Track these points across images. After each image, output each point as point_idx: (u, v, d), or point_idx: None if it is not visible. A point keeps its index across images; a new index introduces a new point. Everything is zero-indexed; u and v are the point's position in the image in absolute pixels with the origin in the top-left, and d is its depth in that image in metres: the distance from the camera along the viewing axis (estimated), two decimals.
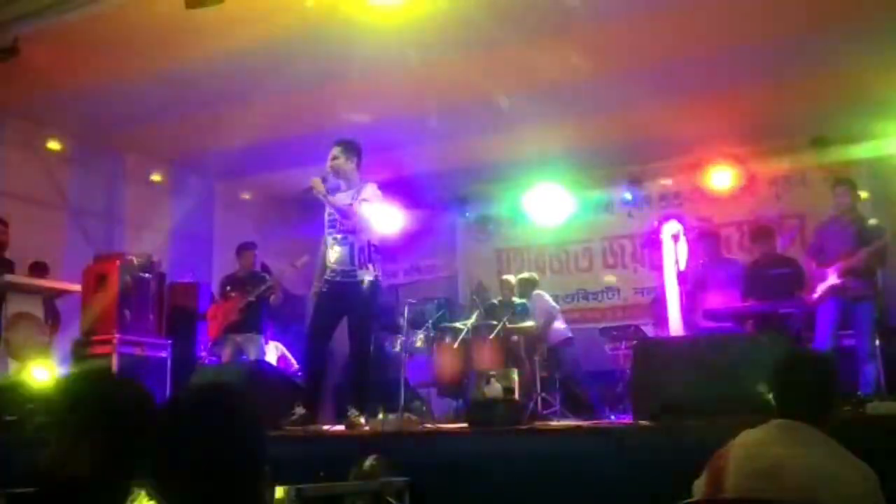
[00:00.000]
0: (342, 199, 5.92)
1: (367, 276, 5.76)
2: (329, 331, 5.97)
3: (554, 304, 8.61)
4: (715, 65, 7.16)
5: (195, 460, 1.65)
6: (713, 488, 2.54)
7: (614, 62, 7.12)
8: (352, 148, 6.03)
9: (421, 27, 6.43)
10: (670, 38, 6.74)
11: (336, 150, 5.99)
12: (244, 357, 7.59)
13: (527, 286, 8.56)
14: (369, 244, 5.81)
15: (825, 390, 2.65)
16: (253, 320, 7.69)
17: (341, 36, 6.53)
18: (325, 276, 5.92)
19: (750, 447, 2.56)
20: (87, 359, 6.82)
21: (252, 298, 7.58)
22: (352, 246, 5.79)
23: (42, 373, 6.16)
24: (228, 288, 7.82)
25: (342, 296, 5.81)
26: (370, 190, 5.91)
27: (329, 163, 5.98)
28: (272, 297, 7.70)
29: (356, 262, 5.76)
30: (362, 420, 5.68)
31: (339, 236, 5.86)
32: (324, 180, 5.91)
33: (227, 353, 7.69)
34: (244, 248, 7.99)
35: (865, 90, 7.55)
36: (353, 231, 5.81)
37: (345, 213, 5.83)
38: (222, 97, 7.71)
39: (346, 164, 5.97)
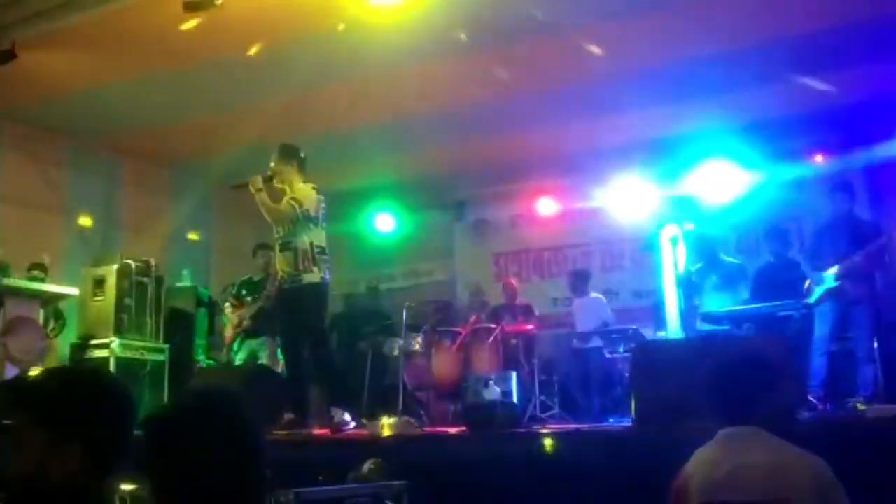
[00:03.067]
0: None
1: (311, 279, 5.71)
2: (296, 336, 5.92)
3: (611, 313, 8.62)
4: (719, 67, 7.16)
5: (195, 465, 1.65)
6: None
7: (618, 64, 7.13)
8: (288, 152, 5.95)
9: (419, 30, 6.44)
10: (679, 37, 6.74)
11: (273, 156, 5.94)
12: (256, 361, 7.54)
13: (579, 280, 8.65)
14: (313, 246, 5.73)
15: (758, 390, 2.62)
16: (266, 324, 7.60)
17: (340, 39, 6.53)
18: (277, 283, 5.92)
19: (705, 464, 2.60)
20: (83, 363, 6.82)
21: (262, 303, 7.48)
22: (295, 251, 5.73)
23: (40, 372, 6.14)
24: (244, 292, 7.76)
25: (292, 300, 5.79)
26: (304, 190, 5.82)
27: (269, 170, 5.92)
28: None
29: (300, 266, 5.71)
30: (347, 417, 5.65)
31: (281, 242, 5.82)
32: (265, 180, 5.84)
33: (240, 358, 7.64)
34: (259, 249, 7.85)
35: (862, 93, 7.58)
36: (293, 235, 5.75)
37: (278, 213, 5.77)
38: (221, 101, 7.72)
39: (284, 169, 5.90)
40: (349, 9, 6.07)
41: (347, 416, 5.66)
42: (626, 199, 9.57)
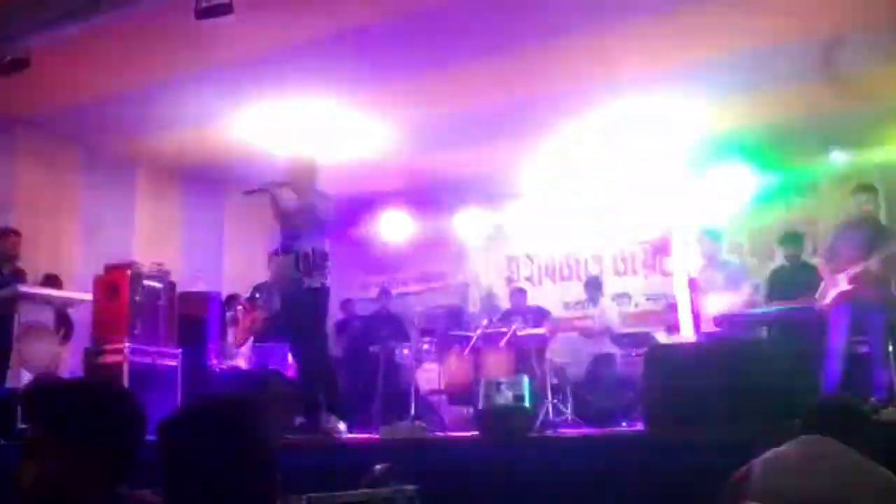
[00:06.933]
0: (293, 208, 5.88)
1: (312, 284, 5.72)
2: (303, 340, 5.92)
3: (616, 320, 8.66)
4: (727, 68, 7.13)
5: (207, 470, 1.65)
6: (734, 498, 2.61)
7: (622, 67, 7.12)
8: (303, 161, 5.99)
9: (434, 34, 6.44)
10: (683, 38, 6.72)
11: (289, 164, 5.97)
12: (266, 366, 7.55)
13: (593, 288, 8.79)
14: (314, 251, 5.75)
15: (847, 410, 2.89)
16: (277, 330, 7.61)
17: (351, 45, 6.55)
18: (277, 287, 5.95)
19: (773, 457, 2.68)
20: (97, 368, 6.85)
21: (278, 308, 7.47)
22: (296, 254, 5.74)
23: (55, 382, 6.18)
24: (258, 295, 7.78)
25: (293, 305, 5.82)
26: (316, 196, 5.86)
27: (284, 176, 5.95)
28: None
29: (301, 270, 5.72)
30: (341, 426, 5.65)
31: (284, 246, 5.85)
32: (279, 185, 5.87)
33: (251, 362, 7.65)
34: (275, 255, 7.86)
35: (878, 95, 7.52)
36: (297, 239, 5.77)
37: (288, 216, 5.80)
38: (233, 109, 7.74)
39: (299, 176, 5.92)
40: (358, 16, 6.09)
41: (342, 425, 5.64)
42: (639, 202, 9.54)
